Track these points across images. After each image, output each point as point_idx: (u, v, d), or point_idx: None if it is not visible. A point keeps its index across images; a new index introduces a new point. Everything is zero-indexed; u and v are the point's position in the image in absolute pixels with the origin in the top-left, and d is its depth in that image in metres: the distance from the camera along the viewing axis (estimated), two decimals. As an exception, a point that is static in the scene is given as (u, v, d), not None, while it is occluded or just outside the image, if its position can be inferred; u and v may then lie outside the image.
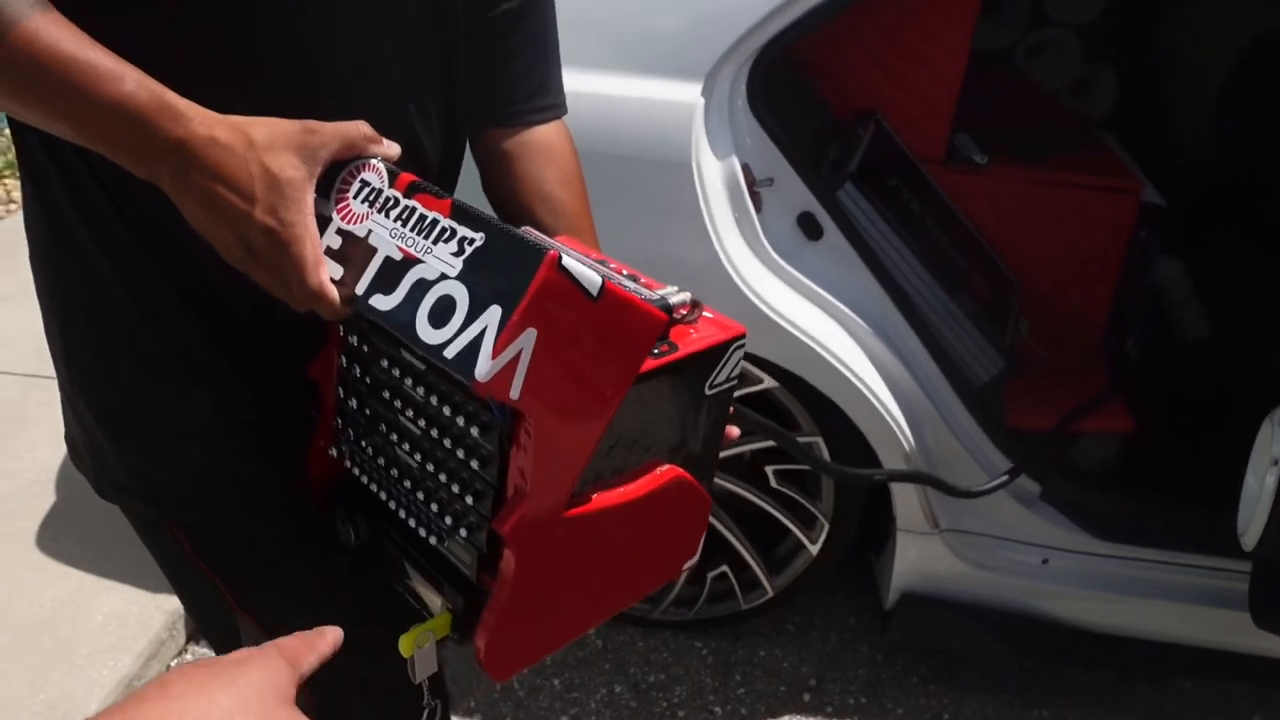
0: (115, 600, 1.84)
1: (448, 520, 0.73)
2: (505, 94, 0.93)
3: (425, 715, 1.08)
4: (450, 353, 0.61)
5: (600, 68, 1.54)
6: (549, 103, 0.96)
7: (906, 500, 1.73)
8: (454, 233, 0.64)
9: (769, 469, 1.79)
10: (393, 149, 0.73)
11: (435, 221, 0.65)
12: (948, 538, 1.77)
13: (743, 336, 0.77)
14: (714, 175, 1.54)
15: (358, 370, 0.76)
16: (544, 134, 0.95)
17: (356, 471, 0.81)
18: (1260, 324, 2.06)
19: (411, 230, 0.66)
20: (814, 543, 1.83)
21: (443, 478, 0.72)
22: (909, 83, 1.92)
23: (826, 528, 1.81)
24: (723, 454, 1.91)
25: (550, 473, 0.67)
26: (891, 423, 1.63)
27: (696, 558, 0.87)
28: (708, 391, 0.78)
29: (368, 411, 0.77)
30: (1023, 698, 1.88)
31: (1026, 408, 1.90)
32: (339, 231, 0.69)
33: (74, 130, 0.68)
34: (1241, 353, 2.10)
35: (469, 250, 0.63)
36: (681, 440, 0.78)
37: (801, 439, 1.73)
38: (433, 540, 0.75)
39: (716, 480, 1.82)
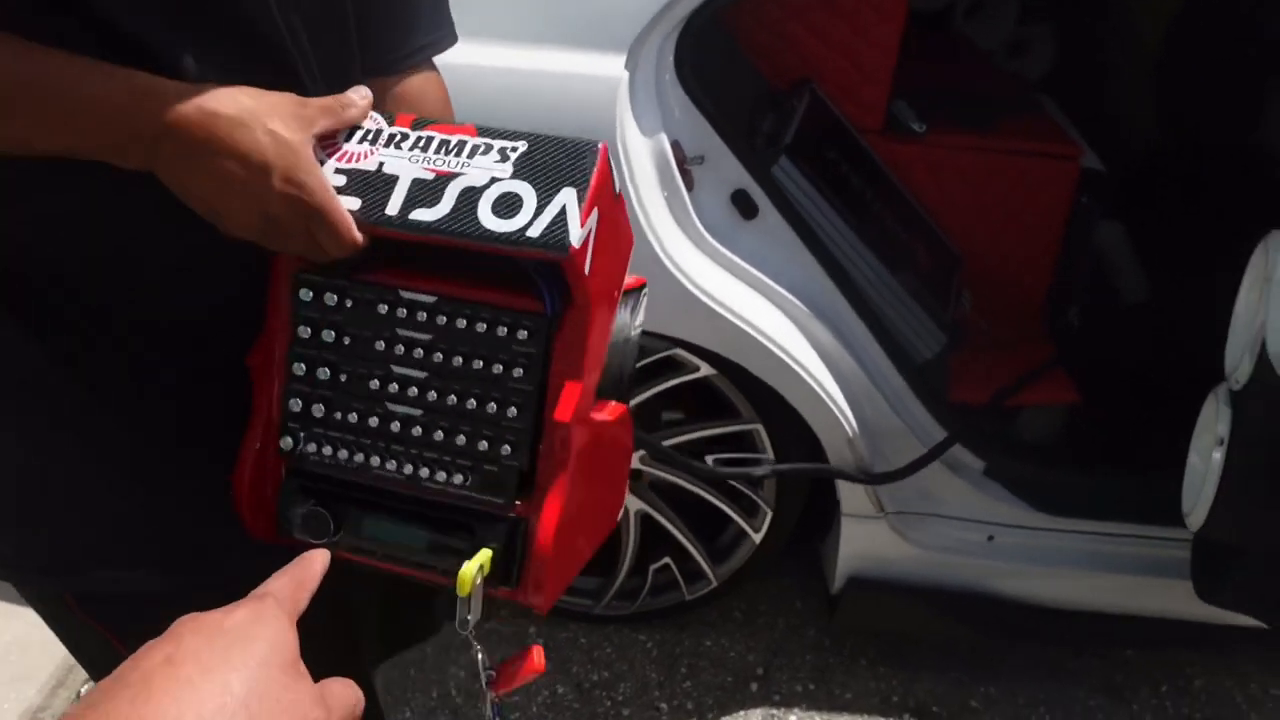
0: (18, 626, 1.71)
1: (483, 446, 0.73)
2: (376, 38, 0.82)
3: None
4: (534, 231, 0.66)
5: (516, 40, 1.44)
6: (420, 43, 0.86)
7: (851, 484, 1.68)
8: (490, 147, 0.69)
9: (709, 458, 1.72)
10: (363, 95, 0.72)
11: (464, 142, 0.70)
12: (893, 520, 1.73)
13: (645, 285, 0.84)
14: (641, 154, 1.45)
15: (332, 334, 0.74)
16: (412, 87, 0.86)
17: (329, 452, 0.76)
18: (1200, 287, 2.05)
19: (436, 153, 0.70)
20: (757, 531, 1.78)
21: (471, 404, 0.73)
22: (844, 48, 1.84)
23: (770, 515, 1.76)
24: (664, 443, 1.81)
25: (594, 359, 0.73)
26: (833, 407, 1.57)
27: (623, 506, 0.94)
28: (632, 333, 0.84)
29: (344, 377, 0.75)
30: (972, 675, 1.86)
31: (970, 382, 1.86)
32: (338, 171, 0.70)
33: (60, 145, 0.64)
34: (1182, 317, 2.09)
35: (514, 155, 0.69)
36: (616, 377, 0.81)
37: (742, 426, 1.67)
38: (457, 479, 0.74)
39: (654, 470, 1.76)
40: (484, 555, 0.72)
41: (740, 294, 1.54)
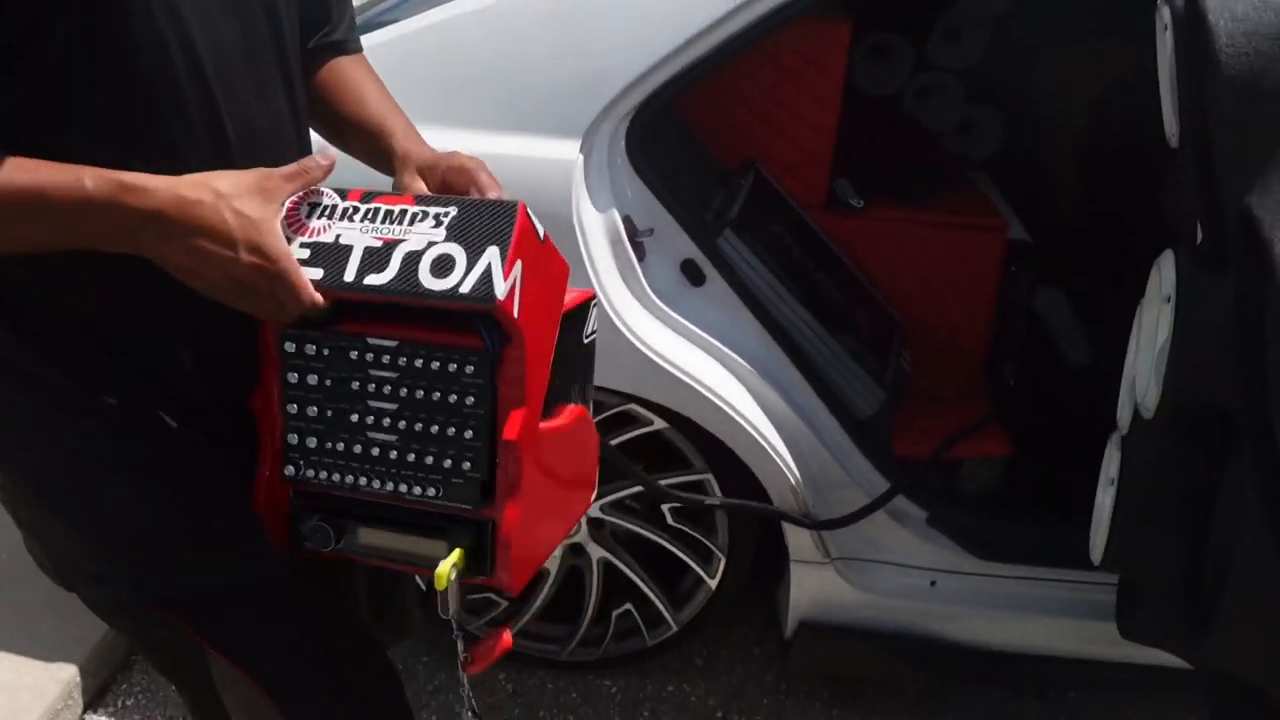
0: (5, 672, 1.80)
1: (447, 464, 0.88)
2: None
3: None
4: (465, 288, 0.80)
5: (480, 126, 1.61)
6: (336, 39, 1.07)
7: (798, 531, 1.80)
8: (426, 213, 0.83)
9: (665, 507, 1.84)
10: (329, 160, 0.86)
11: (404, 211, 0.84)
12: (839, 566, 1.84)
13: (595, 297, 1.01)
14: (595, 228, 1.61)
15: (315, 378, 0.89)
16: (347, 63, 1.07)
17: (324, 476, 0.91)
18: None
19: (382, 223, 0.84)
20: (712, 576, 1.88)
21: (434, 430, 0.88)
22: (786, 132, 2.02)
23: (723, 562, 1.87)
24: (621, 495, 1.94)
25: (534, 384, 0.87)
26: (776, 457, 1.70)
27: (595, 492, 1.10)
28: (584, 341, 0.99)
29: (330, 413, 0.90)
30: (922, 717, 1.94)
31: (912, 437, 1.99)
32: (303, 245, 0.85)
33: (58, 242, 0.77)
34: (1117, 378, 2.23)
35: (446, 220, 0.83)
36: (571, 384, 0.98)
37: (694, 476, 1.80)
38: (430, 492, 0.89)
39: (616, 520, 1.87)
40: (456, 555, 0.88)
41: (688, 353, 1.68)
